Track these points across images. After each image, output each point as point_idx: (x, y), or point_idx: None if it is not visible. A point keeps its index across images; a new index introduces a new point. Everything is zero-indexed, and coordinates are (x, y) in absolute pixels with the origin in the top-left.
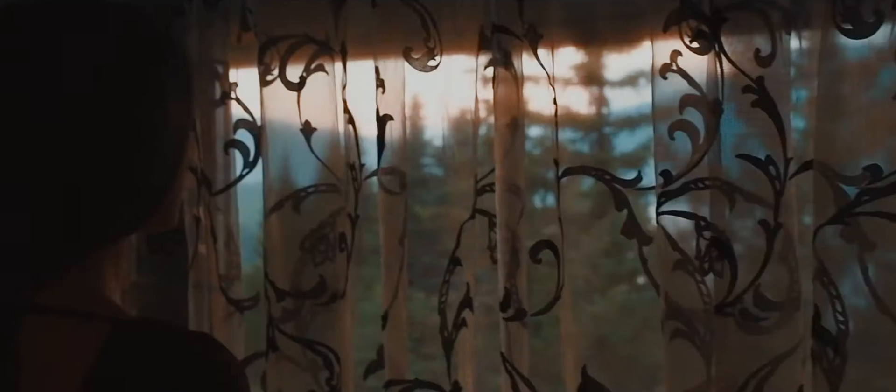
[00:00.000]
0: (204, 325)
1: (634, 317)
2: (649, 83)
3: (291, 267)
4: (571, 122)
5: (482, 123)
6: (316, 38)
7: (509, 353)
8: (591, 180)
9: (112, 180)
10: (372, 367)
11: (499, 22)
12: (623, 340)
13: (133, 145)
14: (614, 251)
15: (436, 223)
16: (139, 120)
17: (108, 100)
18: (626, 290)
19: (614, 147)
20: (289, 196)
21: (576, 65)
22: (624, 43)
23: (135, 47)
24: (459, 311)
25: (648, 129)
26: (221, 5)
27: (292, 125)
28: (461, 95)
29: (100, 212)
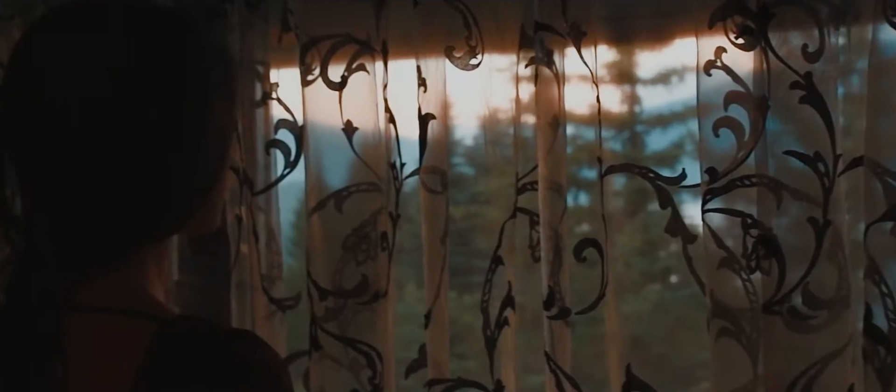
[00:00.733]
0: (246, 325)
1: (668, 316)
2: (682, 81)
3: (333, 266)
4: (603, 120)
5: (513, 123)
6: (357, 38)
7: (553, 352)
8: (623, 178)
9: (155, 180)
10: (413, 366)
11: (541, 20)
12: (657, 339)
13: (176, 146)
14: (648, 250)
15: (468, 222)
16: (182, 121)
17: (151, 100)
18: (660, 288)
19: (647, 145)
20: (331, 195)
21: (608, 63)
22: (667, 40)
23: (178, 48)
24: (502, 310)
25: (681, 127)
26: (262, 6)
27: (334, 125)
28: (496, 94)
29: (143, 211)
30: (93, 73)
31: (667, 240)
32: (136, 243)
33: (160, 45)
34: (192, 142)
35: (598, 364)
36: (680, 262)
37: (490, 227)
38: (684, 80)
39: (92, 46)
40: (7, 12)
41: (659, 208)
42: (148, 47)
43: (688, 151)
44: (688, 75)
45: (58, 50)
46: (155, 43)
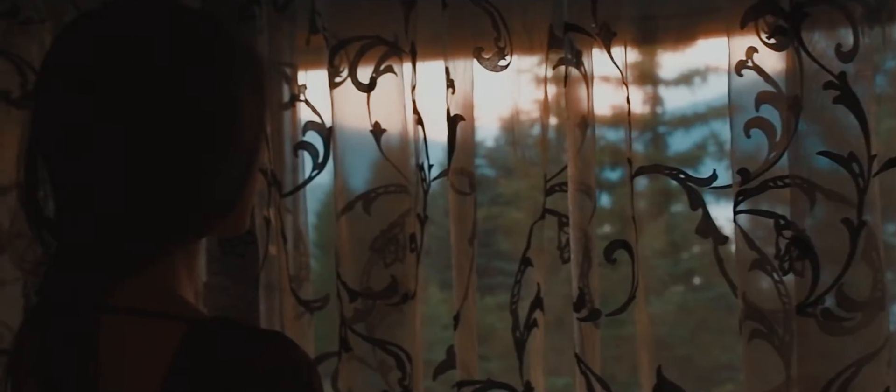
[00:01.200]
0: (275, 326)
1: (692, 317)
2: (704, 82)
3: (361, 268)
4: (624, 121)
5: (537, 123)
6: (386, 40)
7: (583, 354)
8: (645, 180)
9: (186, 181)
10: (441, 368)
11: (571, 20)
12: (681, 341)
13: (207, 147)
14: (671, 251)
15: (490, 224)
16: (213, 122)
17: (181, 102)
18: (683, 290)
19: (669, 146)
20: (359, 197)
21: (630, 64)
22: (696, 40)
23: (208, 50)
24: (531, 312)
25: (704, 128)
26: (290, 9)
27: (362, 127)
28: (518, 96)
29: (174, 212)
30: (124, 75)
31: (690, 241)
32: (168, 245)
33: (190, 47)
34: (222, 143)
35: (619, 366)
36: (703, 263)
37: (512, 229)
38: (707, 80)
39: (123, 49)
40: (38, 16)
41: (682, 209)
42: (178, 49)
43: (711, 152)
44: (711, 76)
45: (89, 52)
46: (185, 45)
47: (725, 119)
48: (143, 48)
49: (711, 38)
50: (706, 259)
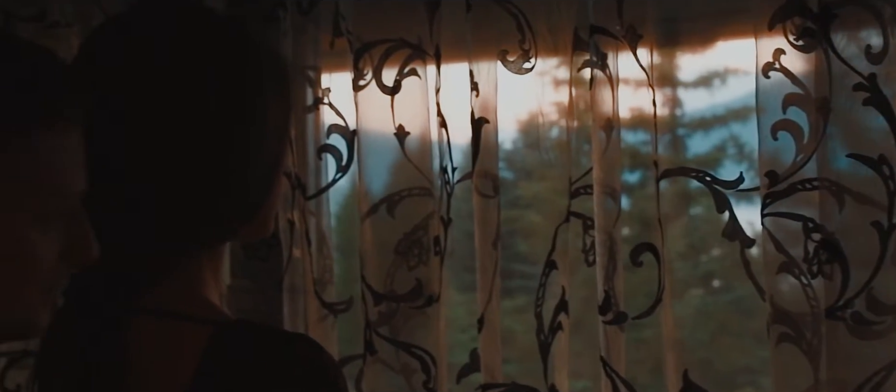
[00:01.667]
0: (299, 329)
1: (711, 321)
2: (724, 84)
3: (385, 270)
4: (643, 124)
5: (555, 126)
6: (410, 42)
7: (608, 357)
8: (665, 182)
9: (213, 184)
10: (465, 371)
11: (596, 23)
12: (700, 344)
13: (232, 150)
14: (690, 254)
15: (508, 226)
16: (238, 125)
17: (207, 106)
18: (702, 293)
19: (688, 148)
20: (383, 200)
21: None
22: (721, 41)
23: (234, 54)
24: (555, 315)
25: (723, 131)
26: (314, 12)
27: (386, 129)
28: (537, 98)
29: (201, 215)
30: (150, 79)
31: (709, 244)
32: (195, 247)
33: (215, 51)
34: (247, 147)
35: (639, 369)
36: (723, 266)
37: (531, 231)
38: (727, 82)
39: (149, 52)
40: (65, 20)
41: (701, 212)
42: (203, 53)
43: (730, 155)
44: (730, 78)
45: (117, 55)
46: (210, 49)
47: (745, 121)
48: (168, 52)
49: (738, 39)
50: (726, 262)
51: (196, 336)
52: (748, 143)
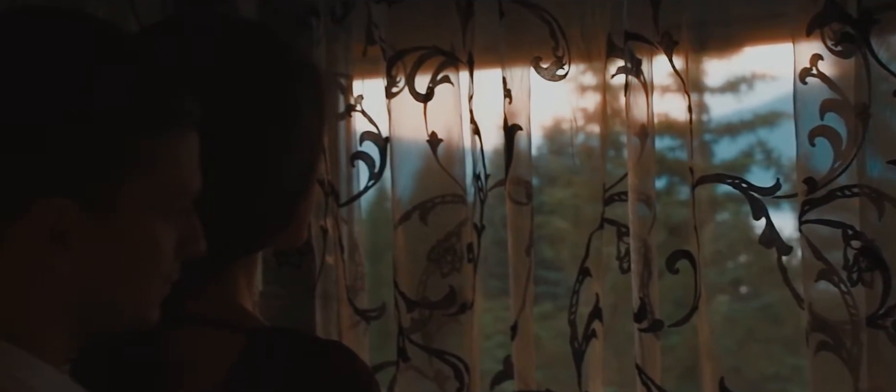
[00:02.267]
0: (331, 335)
1: (738, 327)
2: (751, 89)
3: (418, 277)
4: (669, 129)
5: (580, 132)
6: (443, 50)
7: (643, 365)
8: (688, 189)
9: (246, 194)
10: (498, 378)
11: (631, 29)
12: (727, 352)
13: (265, 160)
14: (717, 260)
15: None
16: (271, 136)
17: (241, 115)
18: (729, 300)
19: (714, 154)
20: (416, 207)
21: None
22: (758, 47)
23: (269, 64)
24: (589, 322)
25: (750, 136)
26: (347, 20)
27: (419, 137)
28: (564, 105)
29: (238, 224)
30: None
31: (736, 250)
32: (232, 255)
33: (251, 59)
34: (280, 156)
35: (667, 376)
36: (750, 272)
37: (557, 237)
38: (754, 88)
39: (183, 61)
40: None
41: (727, 218)
42: (239, 61)
43: (757, 161)
44: (758, 83)
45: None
46: (246, 57)
47: (773, 127)
48: (211, 57)
49: (774, 44)
50: (753, 268)
51: (230, 343)
52: (776, 148)
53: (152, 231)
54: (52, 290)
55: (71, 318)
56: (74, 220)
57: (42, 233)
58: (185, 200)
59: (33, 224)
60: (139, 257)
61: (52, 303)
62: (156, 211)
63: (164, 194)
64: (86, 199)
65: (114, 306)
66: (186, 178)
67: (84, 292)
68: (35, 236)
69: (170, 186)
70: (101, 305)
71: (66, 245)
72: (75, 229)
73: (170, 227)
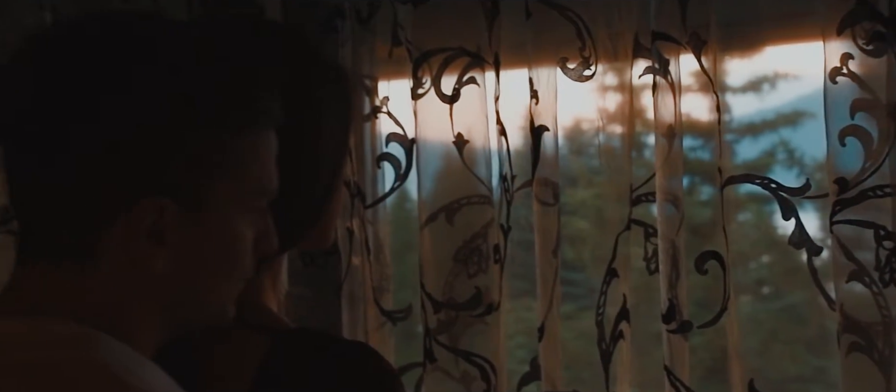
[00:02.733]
0: (358, 336)
1: (761, 328)
2: (773, 88)
3: (444, 278)
4: (690, 129)
5: (600, 132)
6: (469, 51)
7: (672, 366)
8: (709, 189)
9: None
10: (525, 379)
11: (658, 29)
12: (750, 353)
13: (291, 162)
14: (739, 261)
15: None
16: (297, 138)
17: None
18: (751, 300)
19: (736, 154)
20: (442, 208)
21: (695, 71)
22: (789, 45)
23: (292, 65)
24: (617, 323)
25: (773, 136)
26: (372, 22)
27: (445, 138)
28: (587, 105)
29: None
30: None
31: (758, 251)
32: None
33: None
34: (307, 158)
35: (689, 376)
36: (772, 273)
37: (577, 238)
38: (776, 87)
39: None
40: None
41: (749, 218)
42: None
43: (780, 160)
44: (780, 82)
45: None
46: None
47: (795, 126)
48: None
49: (804, 43)
50: (776, 268)
51: (255, 344)
52: (799, 148)
53: (237, 229)
54: (148, 287)
55: (161, 315)
56: (171, 219)
57: (142, 231)
58: (265, 199)
59: (134, 222)
60: (225, 254)
61: (148, 300)
62: (240, 209)
63: (248, 193)
64: (181, 199)
65: (199, 302)
66: (269, 177)
67: (174, 289)
68: (135, 234)
69: (254, 185)
70: (188, 302)
71: (162, 243)
72: (170, 227)
73: (250, 226)
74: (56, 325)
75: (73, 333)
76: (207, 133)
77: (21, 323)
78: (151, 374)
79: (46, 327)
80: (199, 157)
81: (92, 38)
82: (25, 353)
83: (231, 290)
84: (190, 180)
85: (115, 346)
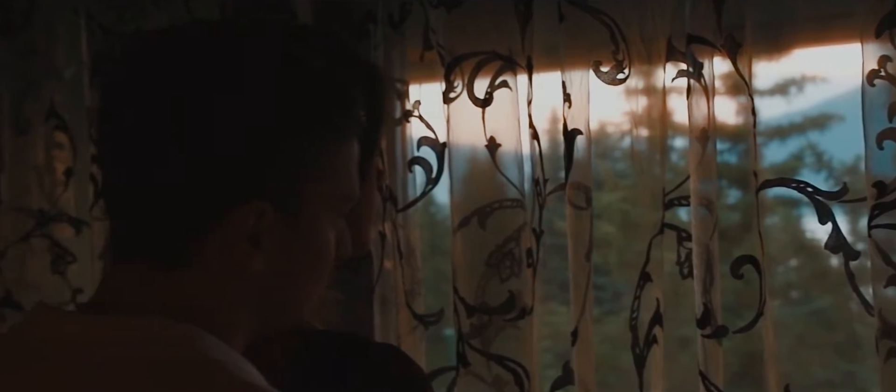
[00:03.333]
0: (389, 340)
1: (789, 333)
2: (801, 91)
3: (476, 282)
4: (718, 132)
5: (626, 135)
6: (501, 54)
7: (707, 371)
8: (737, 192)
9: None
10: (558, 384)
11: (694, 32)
12: (779, 358)
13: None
14: (766, 265)
15: None
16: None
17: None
18: (780, 304)
19: (764, 157)
20: (474, 212)
21: (723, 74)
22: (825, 47)
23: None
24: (650, 328)
25: (800, 139)
26: (404, 26)
27: (477, 141)
28: (607, 108)
29: None
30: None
31: (786, 254)
32: None
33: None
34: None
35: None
36: (801, 277)
37: (602, 242)
38: (803, 90)
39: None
40: None
41: (777, 222)
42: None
43: (808, 163)
44: (807, 85)
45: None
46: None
47: (823, 129)
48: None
49: (840, 45)
50: (804, 272)
51: (285, 346)
52: (827, 151)
53: (326, 234)
54: (243, 289)
55: (252, 317)
56: (269, 223)
57: (242, 234)
58: (350, 205)
59: (236, 225)
60: (316, 259)
61: (242, 302)
62: (329, 215)
63: (337, 199)
64: (280, 203)
65: (287, 306)
66: (354, 183)
67: (266, 292)
68: (236, 237)
69: (344, 191)
70: (276, 305)
71: (258, 246)
72: (267, 231)
73: (334, 231)
74: (161, 324)
75: (180, 332)
76: (311, 139)
77: (124, 322)
78: (254, 371)
79: (151, 326)
80: (301, 162)
81: (207, 42)
82: (134, 351)
83: (315, 294)
84: (290, 185)
85: (219, 343)
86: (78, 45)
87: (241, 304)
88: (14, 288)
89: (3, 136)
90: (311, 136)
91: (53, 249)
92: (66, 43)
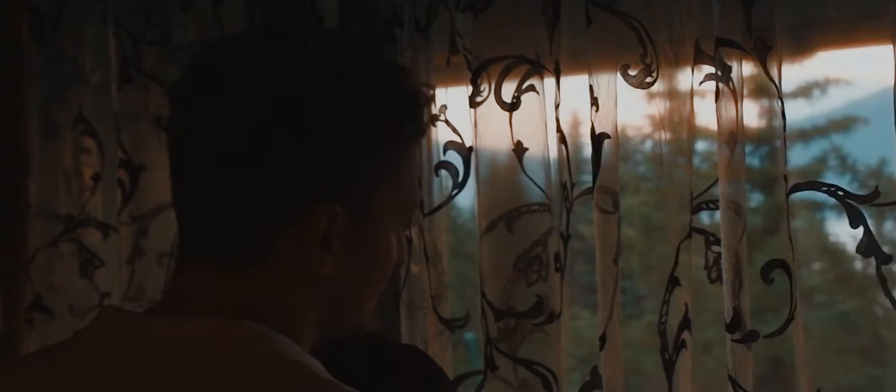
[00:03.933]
0: (416, 344)
1: (813, 337)
2: (824, 94)
3: (503, 286)
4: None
5: (648, 139)
6: (529, 58)
7: (736, 376)
8: (759, 195)
9: None
10: (585, 388)
11: (722, 35)
12: (809, 362)
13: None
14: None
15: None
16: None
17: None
18: (803, 308)
19: (787, 160)
20: (501, 216)
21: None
22: (854, 48)
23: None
24: (679, 332)
25: (824, 142)
26: (430, 30)
27: (504, 145)
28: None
29: None
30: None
31: (810, 258)
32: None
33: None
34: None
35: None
36: (824, 280)
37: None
38: (827, 92)
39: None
40: (188, 43)
41: (800, 225)
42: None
43: (831, 166)
44: (831, 88)
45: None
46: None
47: (847, 132)
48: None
49: (872, 46)
50: (827, 276)
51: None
52: (851, 154)
53: (389, 240)
54: (313, 292)
55: (319, 320)
56: (340, 226)
57: (315, 237)
58: (412, 213)
59: (310, 228)
60: (379, 265)
61: (311, 304)
62: (393, 221)
63: (402, 204)
64: (352, 207)
65: (349, 310)
66: (417, 191)
67: (333, 295)
68: (309, 240)
69: (408, 198)
70: (342, 308)
71: (329, 249)
72: (338, 234)
73: (395, 237)
74: (235, 325)
75: (255, 332)
76: (385, 145)
77: (198, 324)
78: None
79: (226, 326)
80: (376, 167)
81: (294, 45)
82: (211, 351)
83: (374, 299)
84: (365, 190)
85: (292, 344)
86: (106, 52)
87: (309, 306)
88: (43, 292)
89: (32, 141)
90: (385, 144)
91: (81, 254)
92: (94, 49)
